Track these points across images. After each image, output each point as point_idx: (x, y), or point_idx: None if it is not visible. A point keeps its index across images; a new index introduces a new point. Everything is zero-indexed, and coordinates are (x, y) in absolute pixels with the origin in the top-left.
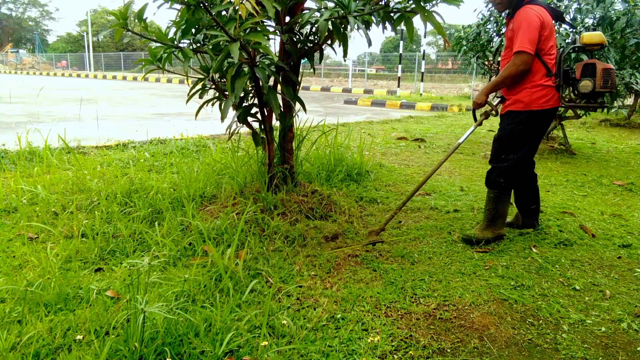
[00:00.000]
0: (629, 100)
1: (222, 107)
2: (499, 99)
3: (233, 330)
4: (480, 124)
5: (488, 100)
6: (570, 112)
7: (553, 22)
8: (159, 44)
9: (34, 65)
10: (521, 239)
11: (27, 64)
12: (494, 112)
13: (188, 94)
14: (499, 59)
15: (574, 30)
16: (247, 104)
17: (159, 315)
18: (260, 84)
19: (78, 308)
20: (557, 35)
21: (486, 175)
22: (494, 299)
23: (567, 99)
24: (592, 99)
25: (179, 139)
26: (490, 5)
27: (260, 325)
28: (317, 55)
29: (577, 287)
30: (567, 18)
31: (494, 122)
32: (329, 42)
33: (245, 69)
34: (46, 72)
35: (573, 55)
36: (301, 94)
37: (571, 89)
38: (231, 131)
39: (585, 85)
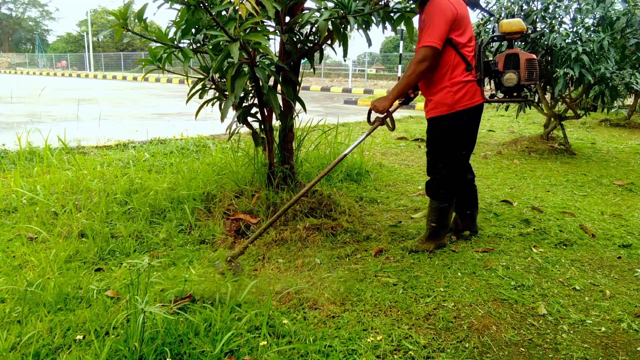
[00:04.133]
0: (629, 100)
1: (222, 107)
2: (402, 100)
3: (233, 330)
4: (372, 131)
5: (391, 109)
6: (570, 112)
7: (469, 10)
8: (159, 44)
9: (11, 65)
10: (521, 239)
11: (3, 64)
12: (389, 124)
13: (188, 94)
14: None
15: (493, 17)
16: (247, 104)
17: (159, 315)
18: (260, 84)
19: (78, 308)
20: (557, 35)
21: (426, 185)
22: (494, 299)
23: (490, 94)
24: (516, 92)
25: (179, 139)
26: (490, 5)
27: (260, 325)
28: (317, 55)
29: (577, 287)
30: (567, 18)
31: (494, 122)
32: (329, 42)
33: (245, 69)
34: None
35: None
36: (301, 94)
37: (493, 82)
38: (231, 131)
39: (510, 78)
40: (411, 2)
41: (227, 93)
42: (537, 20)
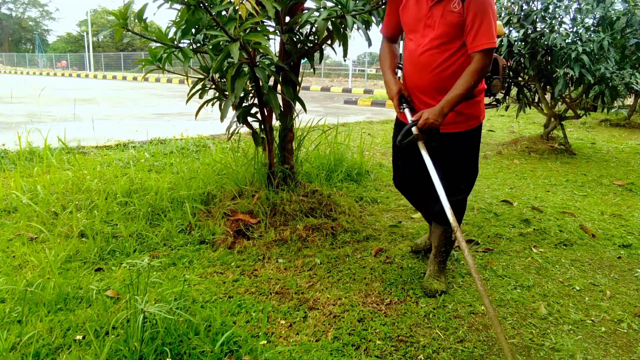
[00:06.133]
0: (629, 100)
1: (222, 107)
2: (405, 106)
3: (233, 330)
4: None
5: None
6: (570, 112)
7: None
8: (159, 44)
9: None
10: (521, 239)
11: None
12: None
13: (188, 94)
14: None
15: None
16: (247, 104)
17: (159, 315)
18: (260, 84)
19: (78, 308)
20: (557, 35)
21: (438, 213)
22: (494, 299)
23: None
24: (494, 96)
25: (179, 139)
26: None
27: (259, 325)
28: (317, 55)
29: (577, 287)
30: (567, 18)
31: (494, 122)
32: (328, 42)
33: (245, 69)
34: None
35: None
36: (301, 94)
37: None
38: (231, 131)
39: (497, 85)
40: None
41: (227, 93)
42: (537, 20)
